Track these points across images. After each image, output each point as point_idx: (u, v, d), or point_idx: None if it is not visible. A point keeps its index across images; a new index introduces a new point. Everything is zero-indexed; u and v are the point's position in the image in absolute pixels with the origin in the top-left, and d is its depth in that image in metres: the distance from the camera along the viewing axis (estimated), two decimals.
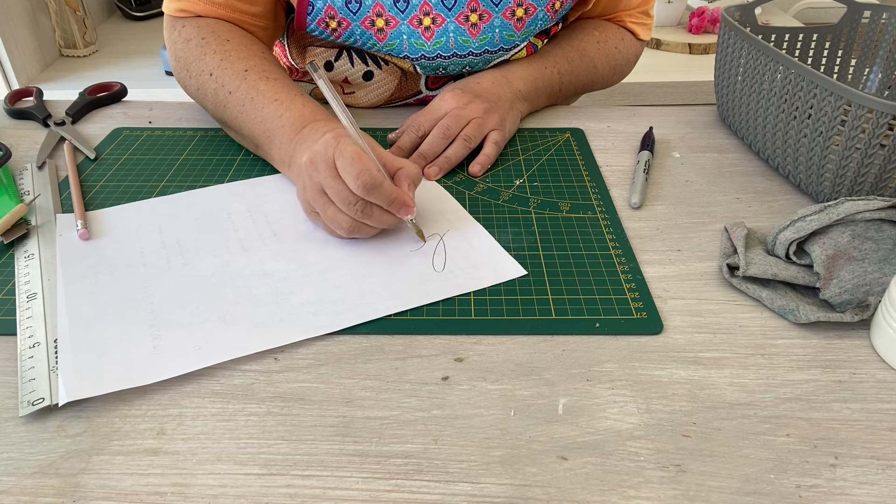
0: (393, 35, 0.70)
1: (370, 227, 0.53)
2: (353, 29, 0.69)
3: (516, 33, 0.71)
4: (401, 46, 0.70)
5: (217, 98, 0.65)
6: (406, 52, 0.71)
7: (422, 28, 0.69)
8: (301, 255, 0.53)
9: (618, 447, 0.38)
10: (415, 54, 0.71)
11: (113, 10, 1.69)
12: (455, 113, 0.66)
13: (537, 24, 0.71)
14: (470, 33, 0.70)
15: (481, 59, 0.72)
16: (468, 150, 0.65)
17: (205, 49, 0.66)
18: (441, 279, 0.50)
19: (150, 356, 0.43)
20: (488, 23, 0.70)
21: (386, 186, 0.50)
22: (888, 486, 0.36)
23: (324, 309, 0.47)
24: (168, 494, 0.36)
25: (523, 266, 0.52)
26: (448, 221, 0.57)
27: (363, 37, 0.70)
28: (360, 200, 0.50)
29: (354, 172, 0.49)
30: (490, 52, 0.72)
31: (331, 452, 0.38)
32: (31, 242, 0.54)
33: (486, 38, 0.70)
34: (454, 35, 0.70)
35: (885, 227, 0.49)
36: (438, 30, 0.69)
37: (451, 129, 0.65)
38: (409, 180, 0.53)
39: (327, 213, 0.52)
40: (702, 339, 0.46)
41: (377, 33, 0.69)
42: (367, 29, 0.69)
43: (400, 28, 0.69)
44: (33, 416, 0.40)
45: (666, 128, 0.74)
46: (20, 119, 0.76)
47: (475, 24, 0.69)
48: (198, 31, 0.68)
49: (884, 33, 0.73)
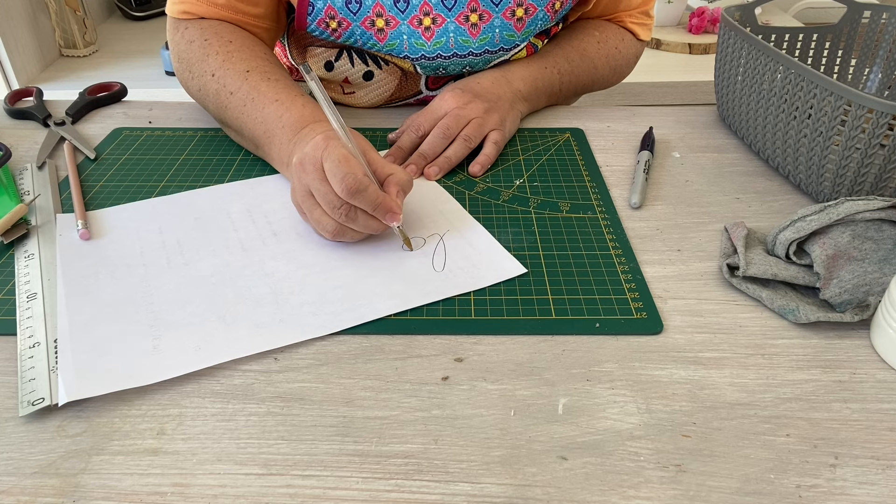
0: (393, 35, 0.70)
1: (355, 232, 0.53)
2: (353, 29, 0.69)
3: (516, 33, 0.71)
4: (401, 46, 0.70)
5: (219, 99, 0.66)
6: (406, 52, 0.71)
7: (422, 28, 0.69)
8: (301, 256, 0.53)
9: (618, 447, 0.38)
10: (415, 54, 0.71)
11: (113, 10, 1.69)
12: (455, 113, 0.66)
13: (537, 24, 0.71)
14: (470, 33, 0.70)
15: (481, 60, 0.72)
16: (468, 149, 0.65)
17: (207, 50, 0.67)
18: (441, 279, 0.50)
19: (150, 356, 0.43)
20: (488, 23, 0.70)
21: (371, 191, 0.50)
22: (888, 486, 0.36)
23: (323, 309, 0.47)
24: (168, 494, 0.36)
25: (523, 266, 0.52)
26: (448, 221, 0.57)
27: (363, 37, 0.70)
28: (344, 204, 0.50)
29: (340, 175, 0.49)
30: (490, 52, 0.72)
31: (331, 452, 0.38)
32: (31, 242, 0.54)
33: (487, 38, 0.70)
34: (454, 35, 0.70)
35: (885, 227, 0.49)
36: (438, 30, 0.69)
37: (451, 129, 0.65)
38: (398, 187, 0.53)
39: (313, 214, 0.52)
40: (702, 339, 0.46)
41: (377, 33, 0.70)
42: (367, 29, 0.69)
43: (400, 28, 0.69)
44: (33, 416, 0.40)
45: (666, 128, 0.74)
46: (20, 119, 0.76)
47: (475, 24, 0.69)
48: (200, 32, 0.68)
49: (884, 33, 0.73)
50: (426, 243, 0.54)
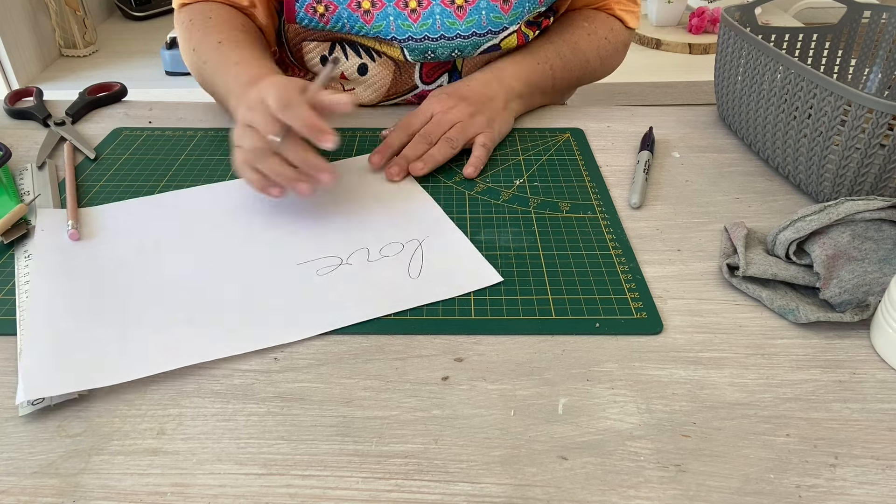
0: (379, 17, 0.70)
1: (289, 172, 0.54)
2: (340, 12, 0.70)
3: (504, 15, 0.71)
4: (388, 28, 0.71)
5: (199, 72, 0.71)
6: (393, 33, 0.71)
7: (408, 10, 0.70)
8: (279, 259, 0.52)
9: (618, 447, 0.38)
10: (402, 36, 0.72)
11: (113, 10, 1.69)
12: (437, 118, 0.67)
13: (525, 5, 0.72)
14: (456, 15, 0.70)
15: (470, 42, 0.73)
16: (453, 151, 0.66)
17: (191, 28, 0.71)
18: (415, 286, 0.50)
19: (113, 357, 0.43)
20: (474, 5, 0.70)
21: (304, 109, 0.52)
22: (888, 486, 0.36)
23: (294, 315, 0.47)
24: (168, 494, 0.36)
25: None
26: (429, 227, 0.56)
27: (350, 20, 0.71)
28: (278, 122, 0.52)
29: (274, 93, 0.52)
30: (478, 34, 0.72)
31: (331, 452, 0.38)
32: (31, 242, 0.54)
33: (473, 20, 0.71)
34: (440, 17, 0.70)
35: (885, 227, 0.49)
36: (424, 12, 0.70)
37: (433, 135, 0.66)
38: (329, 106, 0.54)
39: (246, 142, 0.54)
40: (702, 339, 0.46)
41: (364, 15, 0.70)
42: (353, 11, 0.70)
43: (386, 10, 0.70)
44: (33, 416, 0.40)
45: (666, 128, 0.74)
46: (20, 119, 0.76)
47: (461, 6, 0.70)
48: (188, 14, 0.72)
49: (884, 33, 0.73)
50: (404, 249, 0.54)
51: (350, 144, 0.70)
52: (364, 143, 0.71)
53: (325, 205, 0.59)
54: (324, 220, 0.57)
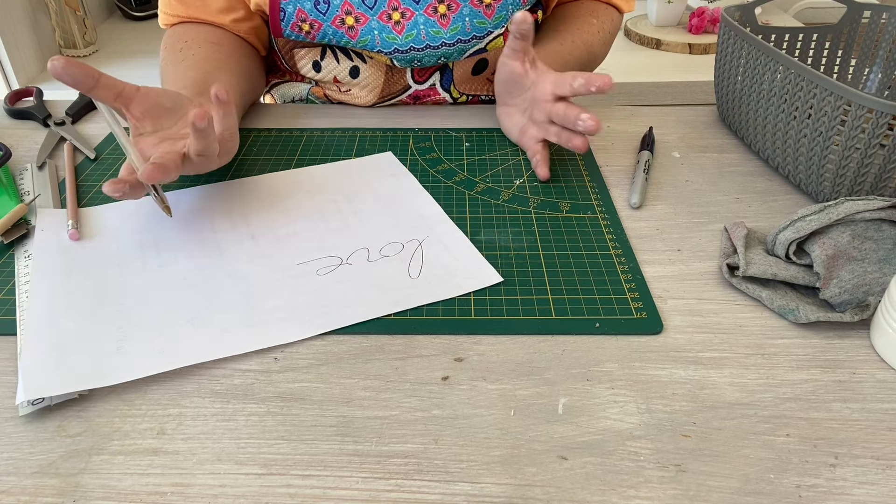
0: (364, 31, 0.71)
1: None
2: (325, 29, 0.71)
3: (487, 20, 0.72)
4: (373, 42, 0.71)
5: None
6: (379, 46, 0.72)
7: (391, 22, 0.70)
8: (277, 259, 0.52)
9: (618, 447, 0.38)
10: (388, 48, 0.72)
11: (113, 10, 1.69)
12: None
13: (508, 8, 0.72)
14: (440, 24, 0.70)
15: (455, 49, 0.73)
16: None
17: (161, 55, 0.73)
18: (415, 286, 0.50)
19: (113, 357, 0.43)
20: (457, 12, 0.70)
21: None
22: (888, 486, 0.36)
23: (293, 315, 0.47)
24: (168, 494, 0.36)
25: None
26: (428, 227, 0.56)
27: (336, 36, 0.72)
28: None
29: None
30: (463, 41, 0.72)
31: (331, 452, 0.38)
32: (31, 242, 0.54)
33: (457, 27, 0.71)
34: (424, 27, 0.71)
35: (884, 227, 0.49)
36: (408, 23, 0.70)
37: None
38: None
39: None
40: (702, 339, 0.46)
41: (348, 31, 0.71)
42: (338, 28, 0.71)
43: (370, 24, 0.70)
44: (33, 416, 0.40)
45: (666, 128, 0.74)
46: (20, 119, 0.76)
47: (444, 14, 0.70)
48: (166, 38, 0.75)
49: (884, 33, 0.73)
50: (404, 249, 0.54)
51: (350, 144, 0.70)
52: (364, 143, 0.71)
53: (326, 205, 0.59)
54: (324, 221, 0.57)
